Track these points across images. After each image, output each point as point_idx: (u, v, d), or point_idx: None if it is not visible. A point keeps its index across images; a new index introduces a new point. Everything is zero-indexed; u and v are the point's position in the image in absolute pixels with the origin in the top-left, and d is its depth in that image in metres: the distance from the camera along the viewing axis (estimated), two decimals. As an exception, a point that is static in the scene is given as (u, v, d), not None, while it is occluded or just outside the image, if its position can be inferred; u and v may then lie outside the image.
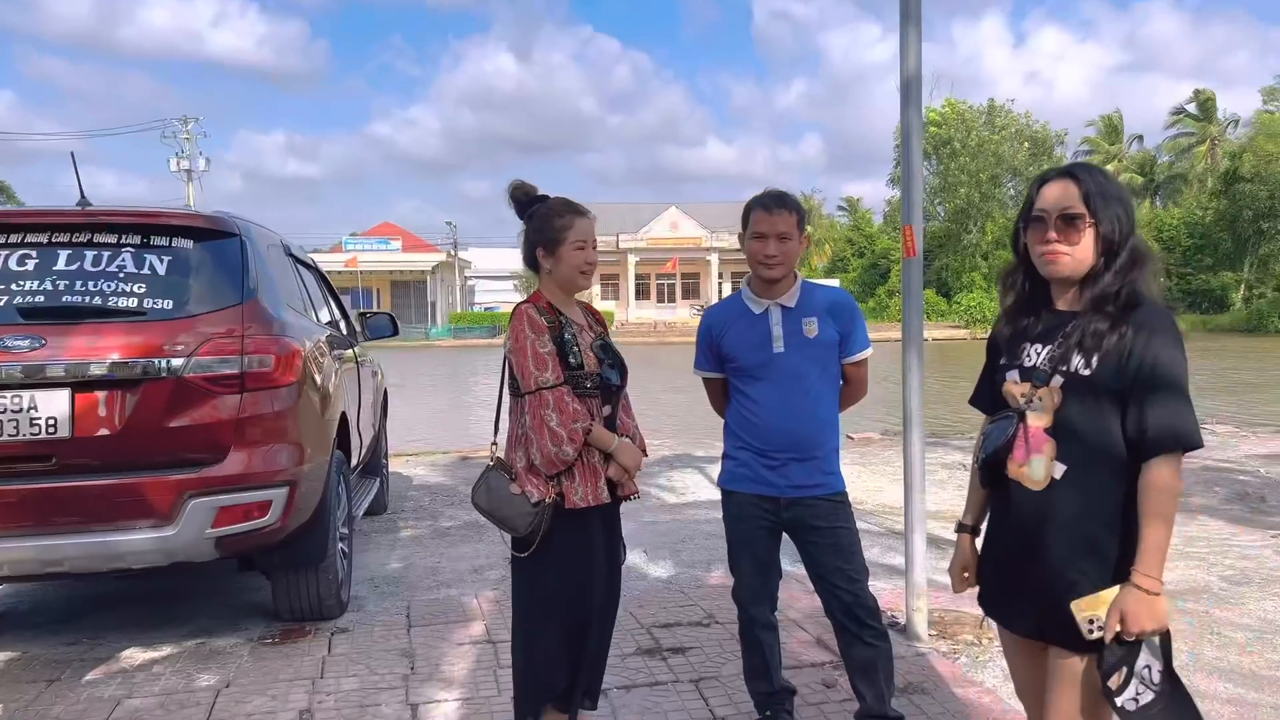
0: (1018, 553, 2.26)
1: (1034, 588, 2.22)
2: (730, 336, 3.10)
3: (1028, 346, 2.28)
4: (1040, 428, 2.20)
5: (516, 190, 3.03)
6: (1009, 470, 2.27)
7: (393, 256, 61.57)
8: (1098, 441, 2.11)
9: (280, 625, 4.63)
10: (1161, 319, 2.09)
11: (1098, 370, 2.11)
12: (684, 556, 5.86)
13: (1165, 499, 2.04)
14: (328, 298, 6.33)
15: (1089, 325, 2.13)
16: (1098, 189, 2.17)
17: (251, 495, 3.99)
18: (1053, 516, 2.17)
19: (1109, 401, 2.10)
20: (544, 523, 2.86)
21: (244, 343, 4.01)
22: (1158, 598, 2.00)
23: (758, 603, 3.14)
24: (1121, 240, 2.15)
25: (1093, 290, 2.16)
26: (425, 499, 8.01)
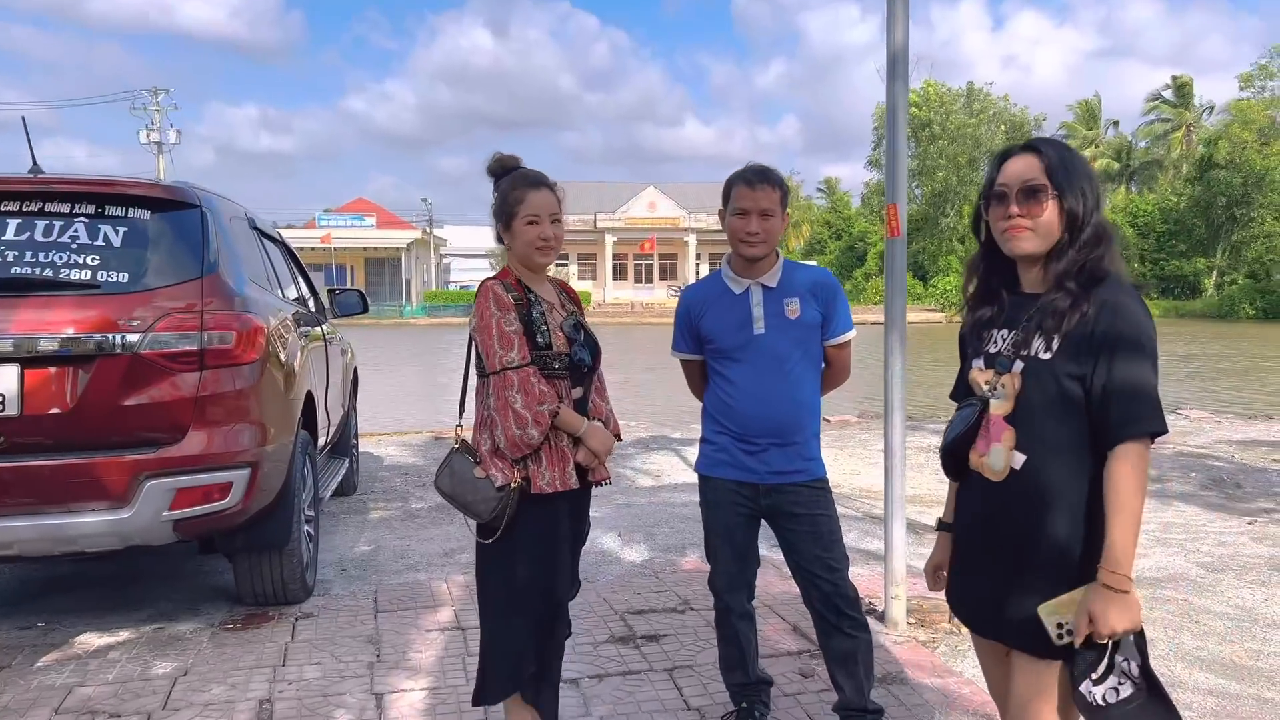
0: (979, 550, 2.17)
1: (995, 589, 2.11)
2: (709, 317, 2.99)
3: (994, 333, 2.18)
4: (1000, 415, 2.09)
5: (493, 163, 2.91)
6: (970, 461, 2.17)
7: (367, 233, 60.96)
8: (1058, 429, 2.01)
9: (243, 610, 4.49)
10: (1125, 296, 1.98)
11: (1058, 352, 2.00)
12: (659, 540, 5.77)
13: (1130, 489, 1.91)
14: (295, 273, 6.16)
15: (1050, 305, 2.03)
16: (1060, 162, 2.06)
17: (211, 476, 3.85)
18: (1012, 510, 2.06)
19: (1071, 386, 1.99)
20: (509, 508, 2.75)
21: (204, 318, 3.85)
22: (1128, 595, 1.88)
23: (734, 591, 3.04)
24: (1086, 215, 2.04)
25: (1056, 265, 2.05)
26: (396, 480, 7.87)
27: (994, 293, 2.20)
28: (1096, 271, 2.02)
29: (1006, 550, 2.08)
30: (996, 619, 2.13)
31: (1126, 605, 1.88)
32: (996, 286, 2.20)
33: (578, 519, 2.97)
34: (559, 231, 2.86)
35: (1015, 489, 2.06)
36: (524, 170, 2.88)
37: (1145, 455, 1.94)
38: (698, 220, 62.76)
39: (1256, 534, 5.93)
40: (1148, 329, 1.97)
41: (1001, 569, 2.10)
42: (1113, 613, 1.88)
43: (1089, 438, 2.00)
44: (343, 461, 6.63)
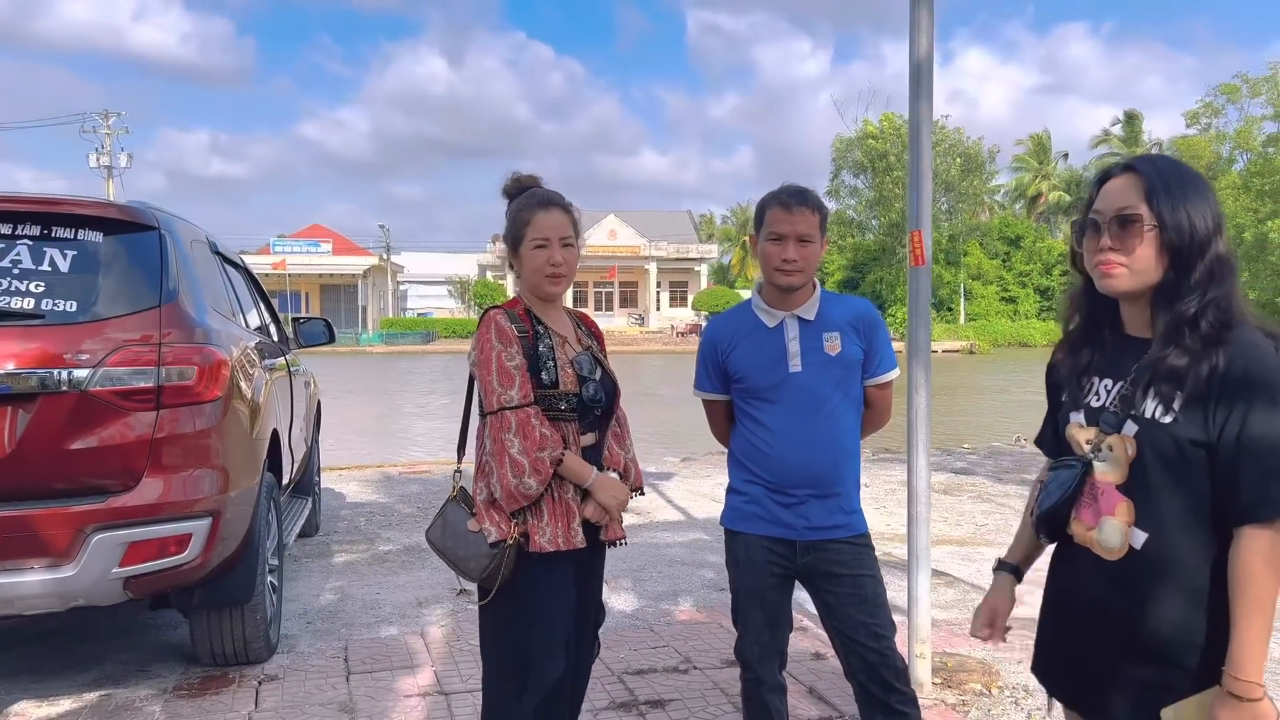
0: (1090, 633, 1.86)
1: (1112, 680, 1.82)
2: (739, 352, 2.68)
3: (1095, 381, 1.88)
4: (1112, 484, 1.79)
5: (510, 183, 2.63)
6: (1075, 533, 1.87)
7: (323, 259, 60.10)
8: (1186, 505, 1.70)
9: (199, 671, 4.07)
10: (1258, 350, 1.68)
11: (1181, 418, 1.69)
12: (647, 587, 5.42)
13: (1261, 579, 1.62)
14: (258, 301, 5.76)
15: (1164, 360, 1.72)
16: (1164, 184, 1.74)
17: (167, 528, 3.45)
18: (1134, 597, 1.76)
19: (1195, 454, 1.68)
20: (504, 568, 2.42)
21: (161, 351, 3.47)
22: (1258, 704, 1.60)
23: (766, 661, 2.71)
24: (1197, 248, 1.72)
25: (1166, 313, 1.74)
26: (360, 519, 7.44)
27: (1096, 333, 1.91)
28: (1218, 318, 1.71)
29: (1122, 638, 1.79)
30: (1105, 710, 1.84)
31: (1256, 715, 1.61)
32: (1099, 325, 1.91)
33: (588, 583, 2.64)
34: (571, 256, 2.56)
35: (1133, 571, 1.76)
36: (536, 189, 2.58)
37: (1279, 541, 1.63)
38: (658, 249, 62.82)
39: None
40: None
41: (1114, 658, 1.81)
42: None
43: (1213, 510, 1.70)
44: (305, 501, 6.20)
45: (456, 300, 67.09)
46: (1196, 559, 1.72)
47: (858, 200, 63.41)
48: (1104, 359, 1.88)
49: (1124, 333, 1.87)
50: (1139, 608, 1.76)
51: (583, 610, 2.63)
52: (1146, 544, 1.75)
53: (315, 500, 6.77)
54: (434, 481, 9.15)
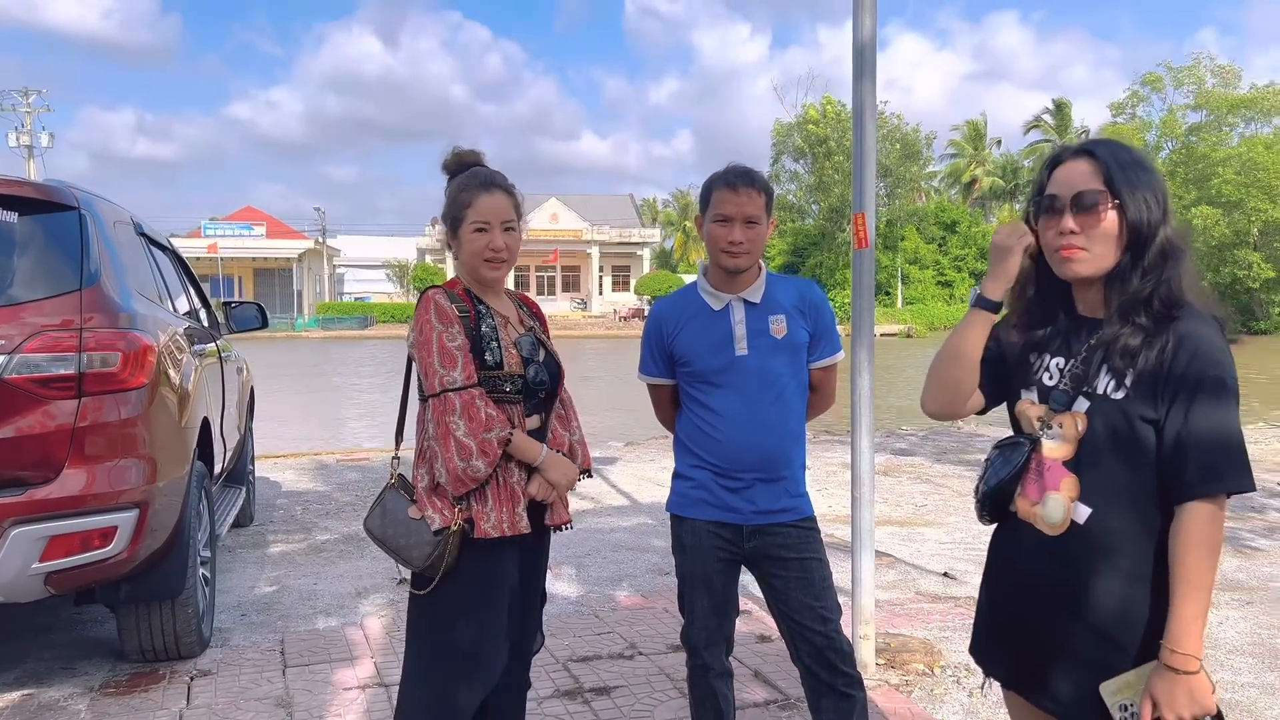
0: (1030, 611, 1.88)
1: (1046, 656, 1.84)
2: (685, 336, 2.63)
3: (1046, 359, 1.89)
4: (1058, 460, 1.81)
5: (450, 158, 2.54)
6: (1018, 508, 1.89)
7: (256, 243, 58.80)
8: (1130, 479, 1.73)
9: (128, 668, 3.93)
10: (1206, 329, 1.70)
11: (1133, 394, 1.71)
12: (591, 573, 5.38)
13: (1200, 554, 1.65)
14: (186, 285, 5.58)
15: (1119, 338, 1.74)
16: (1120, 165, 1.76)
17: (91, 521, 3.31)
18: (1071, 570, 1.78)
19: (1144, 430, 1.71)
20: (447, 555, 2.35)
21: (83, 337, 3.32)
22: (1195, 676, 1.63)
23: (713, 647, 2.68)
24: (1151, 230, 1.74)
25: (1120, 293, 1.76)
26: (296, 508, 7.28)
27: (1049, 312, 1.91)
28: (1170, 299, 1.73)
29: (1062, 614, 1.81)
30: (1046, 688, 1.85)
31: (1193, 688, 1.64)
32: (1051, 305, 1.91)
33: (532, 570, 2.59)
34: (512, 241, 2.49)
35: (1076, 546, 1.78)
36: (479, 169, 2.50)
37: (1220, 516, 1.67)
38: (600, 232, 62.61)
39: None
40: (1230, 368, 1.69)
41: (1054, 635, 1.82)
42: (1179, 697, 1.63)
43: (1158, 490, 1.72)
44: (239, 490, 6.03)
45: (395, 284, 66.17)
46: (1139, 535, 1.74)
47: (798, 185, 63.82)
48: (1055, 338, 1.90)
49: (1076, 313, 1.88)
50: (1080, 583, 1.78)
51: (527, 597, 2.58)
52: (1090, 519, 1.77)
53: (249, 489, 6.60)
54: (372, 469, 8.99)
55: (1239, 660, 4.03)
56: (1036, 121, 68.77)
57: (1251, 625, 4.48)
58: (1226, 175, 46.10)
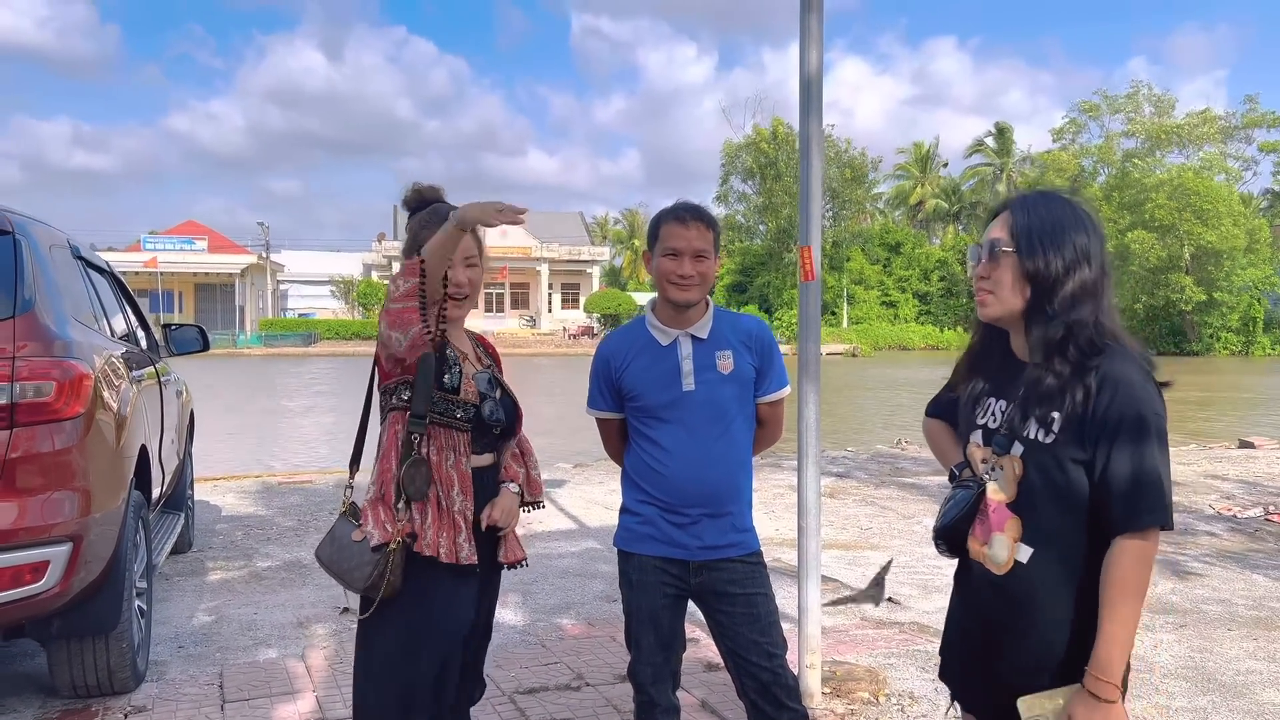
0: (978, 640, 1.98)
1: (993, 681, 1.92)
2: (632, 371, 2.64)
3: (991, 403, 1.97)
4: (1002, 502, 1.88)
5: (410, 194, 2.57)
6: (970, 548, 1.97)
7: (198, 257, 57.71)
8: (1066, 519, 1.81)
9: (59, 704, 3.82)
10: (1126, 369, 1.77)
11: (1059, 436, 1.79)
12: (538, 600, 5.35)
13: (1126, 587, 1.73)
14: (124, 306, 5.46)
15: (1037, 384, 1.83)
16: (1028, 219, 1.87)
17: (21, 556, 3.21)
18: (1015, 607, 1.87)
19: (1076, 472, 1.79)
20: (387, 574, 2.33)
21: (15, 366, 3.23)
22: (1112, 706, 1.71)
23: (659, 683, 2.68)
24: (1056, 276, 1.83)
25: (1033, 336, 1.86)
26: (237, 533, 7.13)
27: (989, 358, 1.99)
28: (1087, 339, 1.80)
29: (1007, 647, 1.89)
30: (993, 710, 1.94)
31: (1109, 715, 1.72)
32: (993, 351, 1.99)
33: (482, 605, 2.57)
34: (475, 276, 2.52)
35: (1019, 584, 1.86)
36: (440, 205, 2.52)
37: (1147, 551, 1.75)
38: (549, 250, 62.57)
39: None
40: (1152, 406, 1.76)
41: (1002, 665, 1.90)
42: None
43: (1089, 525, 1.80)
44: (178, 517, 5.89)
45: (340, 300, 65.37)
46: (1074, 571, 1.81)
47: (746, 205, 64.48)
48: (997, 382, 1.98)
49: (1015, 357, 1.95)
50: (1020, 618, 1.86)
51: (475, 635, 2.56)
52: (1032, 558, 1.84)
53: (188, 515, 6.46)
54: (316, 492, 8.85)
55: (1173, 684, 4.12)
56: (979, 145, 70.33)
57: (1185, 649, 4.60)
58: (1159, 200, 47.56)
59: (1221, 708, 3.88)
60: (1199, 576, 5.97)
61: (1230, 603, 5.39)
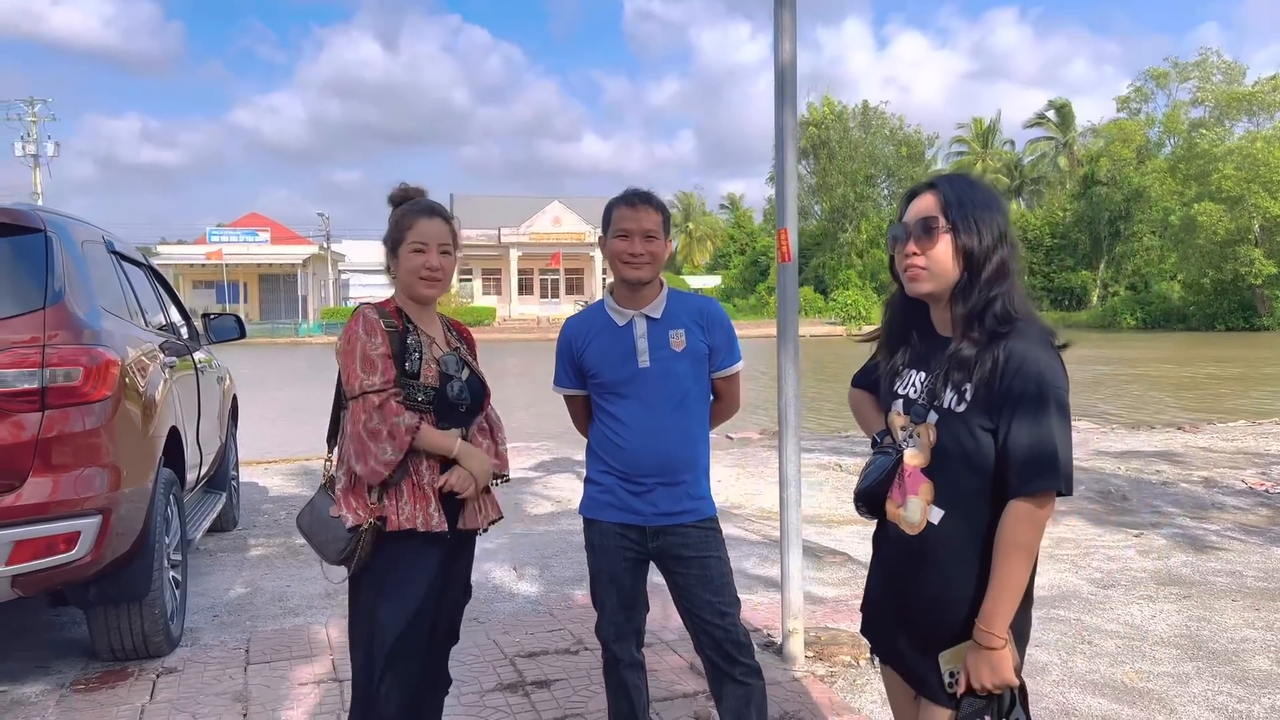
0: (893, 596, 2.13)
1: (905, 635, 2.09)
2: (592, 350, 2.83)
3: (911, 374, 2.11)
4: (917, 467, 2.03)
5: (396, 191, 2.78)
6: (887, 511, 2.13)
7: (261, 249, 59.17)
8: (975, 483, 1.94)
9: (99, 666, 4.14)
10: (1030, 345, 1.91)
11: (971, 405, 1.93)
12: (554, 573, 5.58)
13: (1017, 547, 1.88)
14: (163, 299, 5.79)
15: (959, 352, 1.96)
16: (957, 197, 1.99)
17: (55, 527, 3.51)
18: (926, 565, 2.02)
19: (985, 439, 1.92)
20: (360, 552, 2.56)
21: (45, 353, 3.53)
22: (995, 652, 1.87)
23: (622, 640, 2.87)
24: (985, 251, 1.95)
25: (960, 309, 1.98)
26: (280, 512, 7.48)
27: (907, 333, 2.13)
28: (1001, 314, 1.93)
29: (920, 604, 2.05)
30: (905, 662, 2.11)
31: (993, 662, 1.88)
32: (909, 327, 2.13)
33: (453, 569, 2.77)
34: (448, 264, 2.70)
35: (930, 544, 2.01)
36: (421, 199, 2.72)
37: (1037, 514, 1.88)
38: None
39: (1142, 547, 6.05)
40: (1052, 379, 1.89)
41: (915, 620, 2.06)
42: (982, 669, 1.89)
43: (993, 489, 1.94)
44: (219, 496, 6.24)
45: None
46: (980, 532, 1.95)
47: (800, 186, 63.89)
48: (917, 355, 2.12)
49: (935, 333, 2.09)
50: (931, 575, 2.01)
51: (446, 596, 2.76)
52: (942, 520, 1.99)
53: (232, 495, 6.81)
54: (359, 473, 9.18)
55: (1161, 651, 4.20)
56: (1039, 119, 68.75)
57: (1184, 619, 4.65)
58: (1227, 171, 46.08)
59: (1205, 673, 3.95)
60: (1215, 550, 5.97)
61: (1240, 575, 5.40)
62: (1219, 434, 11.57)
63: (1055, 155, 67.29)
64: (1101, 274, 58.98)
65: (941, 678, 1.98)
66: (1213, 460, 9.46)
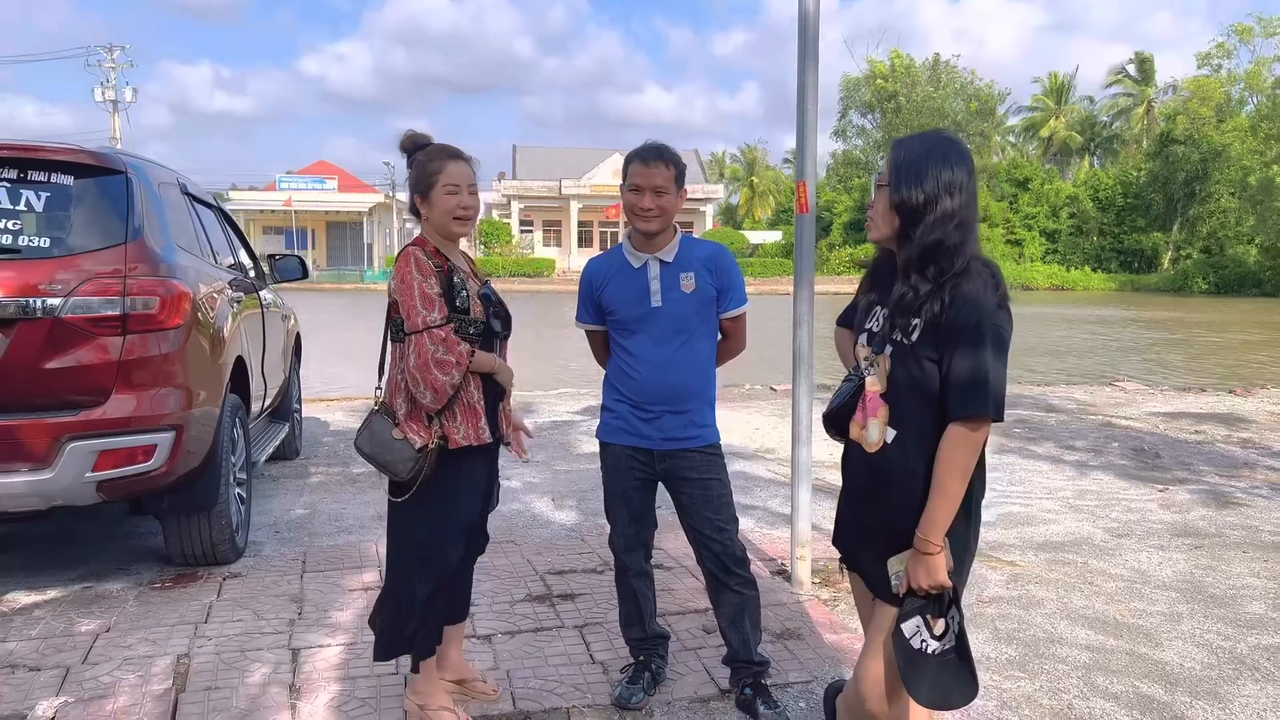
0: (855, 508, 2.42)
1: (865, 543, 2.37)
2: (610, 289, 3.11)
3: (878, 310, 2.36)
4: (876, 393, 2.29)
5: (405, 139, 3.02)
6: (851, 431, 2.39)
7: (329, 196, 60.26)
8: (922, 408, 2.20)
9: (173, 570, 4.59)
10: (974, 288, 2.13)
11: (918, 339, 2.18)
12: (590, 505, 5.92)
13: (949, 466, 2.13)
14: (232, 239, 6.19)
15: (901, 297, 2.21)
16: (902, 156, 2.21)
17: (134, 439, 3.93)
18: (882, 479, 2.28)
19: (931, 369, 2.17)
20: (426, 468, 2.87)
21: (126, 283, 3.91)
22: (931, 557, 2.14)
23: (632, 551, 3.19)
24: (918, 206, 2.16)
25: (900, 255, 2.23)
26: (340, 445, 7.94)
27: (881, 275, 2.39)
28: (943, 261, 2.16)
29: (877, 513, 2.31)
30: (864, 566, 2.40)
31: (929, 566, 2.15)
32: (884, 269, 2.38)
33: (490, 476, 3.10)
34: (477, 202, 2.97)
35: (886, 460, 2.27)
36: (443, 144, 2.98)
37: (972, 437, 2.13)
38: (663, 188, 62.42)
39: (1165, 501, 6.19)
40: (991, 320, 2.12)
41: (872, 528, 2.33)
42: (919, 571, 2.16)
43: (938, 414, 2.19)
44: (282, 426, 6.69)
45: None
46: (926, 451, 2.21)
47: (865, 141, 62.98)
48: (883, 293, 2.37)
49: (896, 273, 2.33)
50: (885, 488, 2.28)
51: (487, 496, 3.09)
52: (895, 439, 2.26)
53: (295, 426, 7.27)
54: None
55: (1159, 593, 4.40)
56: (1118, 76, 66.57)
57: (1189, 566, 4.83)
58: (1312, 132, 44.33)
59: (1198, 614, 4.15)
60: (1238, 505, 6.09)
61: (1256, 530, 5.53)
62: (1272, 398, 11.48)
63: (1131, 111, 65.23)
64: (1174, 236, 57.35)
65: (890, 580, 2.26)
66: (1257, 424, 9.45)
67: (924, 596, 2.19)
